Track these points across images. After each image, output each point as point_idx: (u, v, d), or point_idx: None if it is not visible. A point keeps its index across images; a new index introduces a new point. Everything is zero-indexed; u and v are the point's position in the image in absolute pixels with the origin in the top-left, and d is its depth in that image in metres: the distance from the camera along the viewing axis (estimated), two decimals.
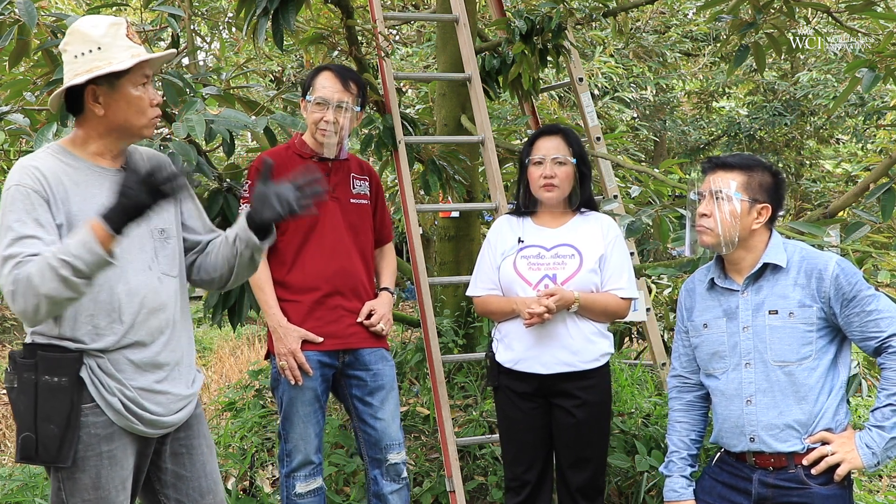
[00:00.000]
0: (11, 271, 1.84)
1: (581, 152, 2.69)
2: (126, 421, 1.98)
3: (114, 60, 1.96)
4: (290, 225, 2.72)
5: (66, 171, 1.98)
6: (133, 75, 2.00)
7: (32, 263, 1.84)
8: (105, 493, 1.96)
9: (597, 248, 2.64)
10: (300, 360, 2.67)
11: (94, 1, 4.37)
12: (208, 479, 2.19)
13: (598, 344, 2.63)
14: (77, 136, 2.04)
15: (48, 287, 1.81)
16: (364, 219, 2.88)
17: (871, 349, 2.11)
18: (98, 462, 1.95)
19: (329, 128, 2.73)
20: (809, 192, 11.43)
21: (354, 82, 2.79)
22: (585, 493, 2.66)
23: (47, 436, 1.89)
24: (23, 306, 1.83)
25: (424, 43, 7.61)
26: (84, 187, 1.98)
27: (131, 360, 2.00)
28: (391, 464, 2.81)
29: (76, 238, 1.84)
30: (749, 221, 2.18)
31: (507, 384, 2.70)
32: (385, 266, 2.99)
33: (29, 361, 1.92)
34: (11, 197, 1.90)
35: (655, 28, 9.57)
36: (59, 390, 1.90)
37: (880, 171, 3.27)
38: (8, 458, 5.80)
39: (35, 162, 1.96)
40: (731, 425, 2.20)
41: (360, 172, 2.92)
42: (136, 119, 2.02)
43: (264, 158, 2.22)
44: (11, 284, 1.83)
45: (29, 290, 1.81)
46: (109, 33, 1.98)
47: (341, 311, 2.76)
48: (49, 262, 1.81)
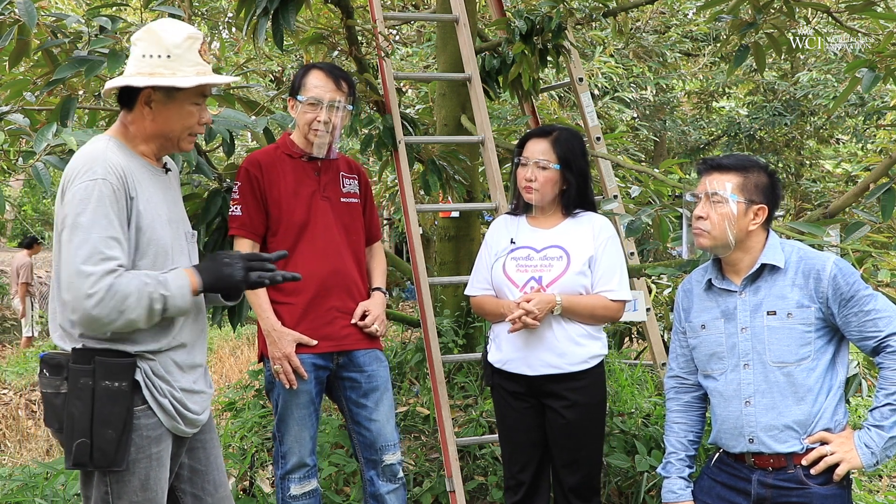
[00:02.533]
0: (106, 277, 1.83)
1: (569, 157, 2.64)
2: (173, 421, 2.01)
3: (178, 73, 1.96)
4: (282, 226, 2.72)
5: (132, 167, 1.98)
6: (191, 93, 2.01)
7: (131, 281, 1.86)
8: (152, 494, 1.98)
9: (586, 250, 2.62)
10: (295, 363, 2.65)
11: (95, 1, 4.37)
12: (220, 472, 2.23)
13: (587, 346, 2.60)
14: (127, 132, 2.04)
15: (137, 312, 1.87)
16: (355, 218, 2.87)
17: (870, 349, 2.11)
18: (148, 464, 1.97)
19: (322, 128, 2.72)
20: (809, 192, 11.43)
21: (345, 81, 2.78)
22: (580, 494, 2.65)
23: (105, 441, 1.89)
24: (101, 315, 1.84)
25: (424, 43, 7.61)
26: (145, 185, 2.00)
27: (176, 361, 2.03)
28: (387, 464, 2.81)
29: (176, 280, 1.92)
30: (746, 223, 2.18)
31: (500, 384, 2.70)
32: (376, 265, 2.97)
33: (85, 367, 1.90)
34: (99, 192, 1.87)
35: (655, 28, 9.57)
36: (119, 395, 1.91)
37: (880, 171, 3.27)
38: (8, 458, 5.81)
39: (111, 156, 1.94)
40: (730, 426, 2.20)
41: (349, 171, 2.90)
42: (180, 133, 2.05)
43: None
44: (104, 291, 1.83)
45: (118, 305, 1.84)
46: (184, 45, 1.98)
47: (335, 312, 2.75)
48: (149, 290, 1.87)
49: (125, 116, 2.05)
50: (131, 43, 2.04)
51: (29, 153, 2.56)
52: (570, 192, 2.68)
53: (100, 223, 1.86)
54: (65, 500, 3.33)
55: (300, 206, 2.74)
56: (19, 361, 8.73)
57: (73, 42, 2.80)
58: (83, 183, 1.88)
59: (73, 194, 1.88)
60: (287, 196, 2.74)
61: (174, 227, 2.07)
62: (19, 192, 16.27)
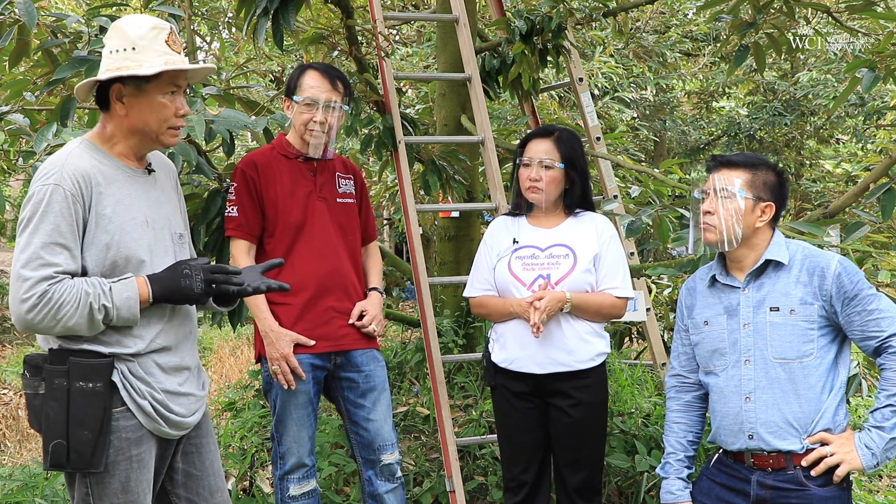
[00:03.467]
0: (41, 283, 1.82)
1: (572, 156, 2.67)
2: (154, 423, 1.99)
3: (144, 63, 1.95)
4: (279, 226, 2.72)
5: (101, 169, 1.96)
6: (161, 83, 1.99)
7: (69, 289, 1.84)
8: (134, 497, 1.96)
9: (591, 248, 2.64)
10: (293, 364, 2.65)
11: (95, 1, 4.37)
12: (216, 476, 2.21)
13: (594, 343, 2.63)
14: (104, 133, 2.03)
15: (76, 321, 1.85)
16: (351, 218, 2.87)
17: (871, 349, 2.11)
18: (128, 466, 1.95)
19: (318, 128, 2.72)
20: (809, 192, 11.43)
21: (341, 81, 2.78)
22: (583, 493, 2.66)
23: (80, 442, 1.88)
24: (35, 321, 1.83)
25: (424, 43, 7.61)
26: (116, 187, 1.97)
27: (159, 363, 2.01)
28: (385, 464, 2.81)
29: (123, 292, 1.90)
30: (753, 219, 2.19)
31: (504, 384, 2.70)
32: (372, 265, 2.97)
33: (60, 367, 1.89)
34: (50, 197, 1.86)
35: (655, 28, 9.57)
36: (94, 396, 1.89)
37: (880, 171, 3.27)
38: (8, 458, 5.81)
39: (73, 160, 1.93)
40: (730, 422, 2.20)
41: (345, 171, 2.90)
42: (157, 126, 2.01)
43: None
44: (38, 298, 1.82)
45: (54, 313, 1.83)
46: (148, 36, 1.96)
47: (332, 312, 2.74)
48: (90, 300, 1.85)
49: (104, 117, 2.04)
50: (103, 44, 2.03)
51: (29, 153, 2.57)
52: (574, 191, 2.70)
53: (44, 229, 1.84)
54: (65, 500, 3.33)
55: (296, 206, 2.74)
56: (19, 361, 8.73)
57: (73, 42, 2.80)
58: (37, 186, 1.87)
59: (28, 197, 1.88)
60: (283, 197, 2.74)
61: (156, 229, 2.04)
62: (19, 192, 16.28)
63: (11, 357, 9.42)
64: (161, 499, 2.17)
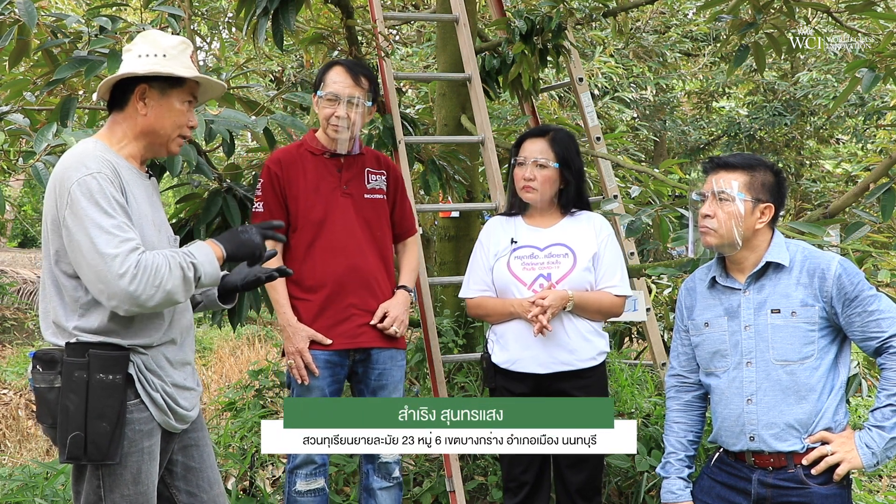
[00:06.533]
0: (131, 254, 1.86)
1: (567, 156, 2.68)
2: (164, 416, 2.04)
3: (174, 71, 2.03)
4: (301, 222, 2.74)
5: (120, 165, 2.01)
6: (182, 91, 2.07)
7: (155, 256, 1.89)
8: (144, 488, 2.00)
9: (590, 247, 2.65)
10: (307, 359, 2.68)
11: (94, 1, 4.37)
12: (213, 469, 2.25)
13: (595, 342, 2.64)
14: (114, 135, 2.07)
15: (172, 283, 1.90)
16: (380, 214, 2.85)
17: (872, 349, 2.11)
18: (140, 458, 1.99)
19: (340, 123, 2.73)
20: (809, 192, 11.42)
21: (365, 77, 2.78)
22: (583, 494, 2.66)
23: (99, 434, 1.91)
24: (138, 291, 1.85)
25: (424, 43, 7.61)
26: (132, 186, 2.02)
27: (167, 356, 2.06)
28: (383, 462, 2.83)
29: (201, 251, 1.97)
30: (752, 221, 2.18)
31: (504, 385, 2.70)
32: (405, 262, 2.97)
33: (80, 360, 1.92)
34: (97, 185, 1.89)
35: (655, 28, 9.56)
36: (113, 388, 1.93)
37: (880, 171, 3.27)
38: (8, 458, 5.81)
39: (98, 153, 1.96)
40: (731, 424, 2.20)
41: (377, 167, 2.89)
42: (171, 130, 2.08)
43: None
44: (134, 268, 1.85)
45: (153, 279, 1.87)
46: (178, 49, 2.06)
47: (353, 309, 2.75)
48: (178, 260, 1.91)
49: (114, 117, 2.08)
50: (126, 51, 2.08)
51: (29, 153, 2.57)
52: (570, 190, 2.71)
53: (106, 212, 1.88)
54: (65, 499, 3.33)
55: (319, 202, 2.75)
56: (19, 361, 8.73)
57: (73, 42, 2.80)
58: (80, 179, 1.89)
59: (71, 194, 1.89)
60: (306, 193, 2.75)
61: (159, 231, 2.10)
62: (19, 192, 16.26)
63: (11, 357, 9.42)
64: (161, 492, 2.18)
